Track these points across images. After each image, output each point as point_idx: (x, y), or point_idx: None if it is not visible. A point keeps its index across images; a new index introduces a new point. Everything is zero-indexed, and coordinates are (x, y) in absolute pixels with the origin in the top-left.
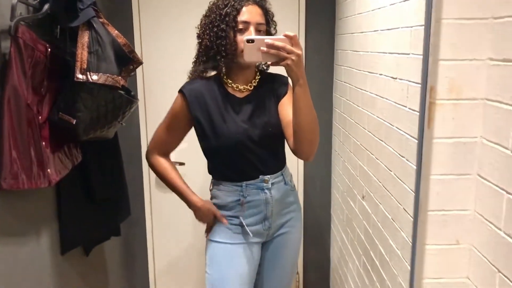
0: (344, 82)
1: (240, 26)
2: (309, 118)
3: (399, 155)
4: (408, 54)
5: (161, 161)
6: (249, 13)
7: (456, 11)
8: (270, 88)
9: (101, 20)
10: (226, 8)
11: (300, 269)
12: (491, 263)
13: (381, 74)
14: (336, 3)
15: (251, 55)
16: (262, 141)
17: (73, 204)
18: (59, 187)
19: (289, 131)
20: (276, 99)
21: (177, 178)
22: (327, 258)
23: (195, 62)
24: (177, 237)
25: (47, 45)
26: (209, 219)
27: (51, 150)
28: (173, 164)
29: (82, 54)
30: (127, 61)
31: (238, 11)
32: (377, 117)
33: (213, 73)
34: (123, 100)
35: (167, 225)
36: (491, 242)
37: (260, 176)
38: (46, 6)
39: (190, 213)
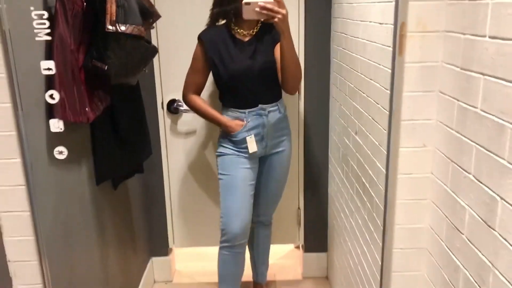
0: (341, 33)
1: None
2: (292, 61)
3: (384, 88)
4: (391, 1)
5: (195, 99)
6: None
7: None
8: (269, 34)
9: None
10: None
11: (301, 205)
12: (447, 157)
13: (370, 22)
14: None
15: (248, 14)
16: (261, 74)
17: (104, 142)
18: (93, 127)
19: (279, 70)
20: (273, 43)
21: (209, 109)
22: (326, 195)
23: (211, 12)
24: (190, 173)
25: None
26: (238, 127)
27: (87, 92)
28: (204, 100)
29: (111, 7)
30: (148, 15)
31: None
32: (368, 59)
33: (223, 21)
34: (146, 48)
35: (181, 165)
36: (447, 141)
37: (259, 105)
38: None
39: (202, 154)
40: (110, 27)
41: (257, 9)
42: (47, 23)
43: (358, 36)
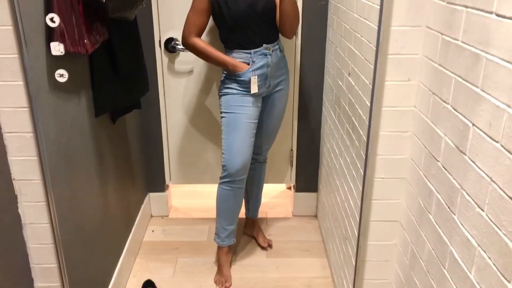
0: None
1: None
2: (290, 4)
3: (374, 26)
4: None
5: (198, 42)
6: None
7: None
8: None
9: None
10: None
11: (294, 147)
12: (429, 90)
13: None
14: None
15: None
16: (263, 14)
17: (102, 74)
18: (91, 59)
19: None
20: None
21: (214, 50)
22: (318, 137)
23: None
24: (187, 113)
25: None
26: (245, 67)
27: (85, 25)
28: (206, 42)
29: None
30: None
31: None
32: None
33: None
34: None
35: (178, 104)
36: (431, 74)
37: (264, 45)
38: None
39: (199, 93)
40: None
41: None
42: None
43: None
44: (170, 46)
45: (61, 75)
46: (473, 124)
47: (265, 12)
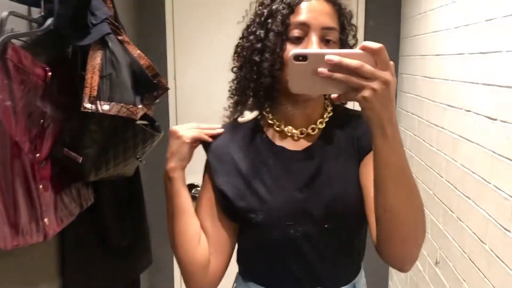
0: (411, 114)
1: (295, 33)
2: (401, 195)
3: (496, 223)
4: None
5: None
6: (310, 12)
7: None
8: (347, 134)
9: (120, 37)
10: (274, 5)
11: None
12: None
13: (469, 111)
14: (401, 19)
15: (300, 82)
16: (327, 227)
17: (81, 255)
18: (63, 236)
19: (372, 212)
20: (357, 155)
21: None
22: None
23: (230, 102)
24: None
25: (47, 68)
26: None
27: (52, 194)
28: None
29: (92, 79)
30: (151, 87)
31: (292, 8)
32: (462, 165)
33: (252, 114)
34: (141, 133)
35: None
36: None
37: None
38: (49, 21)
39: None
40: (88, 105)
41: (323, 70)
42: None
43: (442, 125)
44: (191, 194)
45: None
46: None
47: (330, 222)
